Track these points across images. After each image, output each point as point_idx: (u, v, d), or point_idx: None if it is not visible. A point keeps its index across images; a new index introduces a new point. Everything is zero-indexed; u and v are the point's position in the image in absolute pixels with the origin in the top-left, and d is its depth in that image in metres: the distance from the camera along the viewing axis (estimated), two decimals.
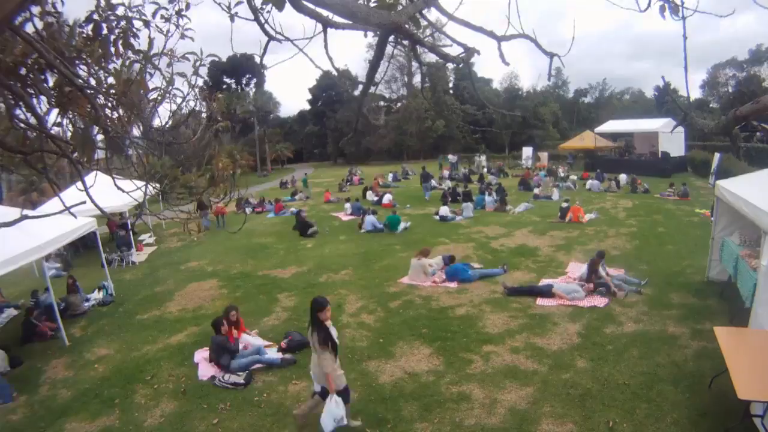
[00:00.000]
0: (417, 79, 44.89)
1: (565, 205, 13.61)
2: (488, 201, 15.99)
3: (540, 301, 7.31)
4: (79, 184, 2.10)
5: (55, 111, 2.12)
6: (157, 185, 2.49)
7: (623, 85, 60.07)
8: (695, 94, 40.93)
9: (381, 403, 4.88)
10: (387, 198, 17.78)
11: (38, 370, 6.23)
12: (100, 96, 2.18)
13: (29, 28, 1.87)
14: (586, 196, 17.61)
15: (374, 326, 6.87)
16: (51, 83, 2.05)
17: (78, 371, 6.13)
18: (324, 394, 4.12)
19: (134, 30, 2.16)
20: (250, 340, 6.42)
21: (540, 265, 9.28)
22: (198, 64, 2.41)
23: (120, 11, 2.04)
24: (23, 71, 1.95)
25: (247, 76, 45.85)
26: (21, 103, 1.99)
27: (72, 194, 2.45)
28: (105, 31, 2.09)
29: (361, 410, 4.76)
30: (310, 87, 47.62)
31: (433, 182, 20.40)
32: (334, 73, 2.84)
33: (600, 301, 7.13)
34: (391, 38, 2.50)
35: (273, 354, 6.04)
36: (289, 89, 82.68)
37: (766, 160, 17.58)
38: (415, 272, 8.62)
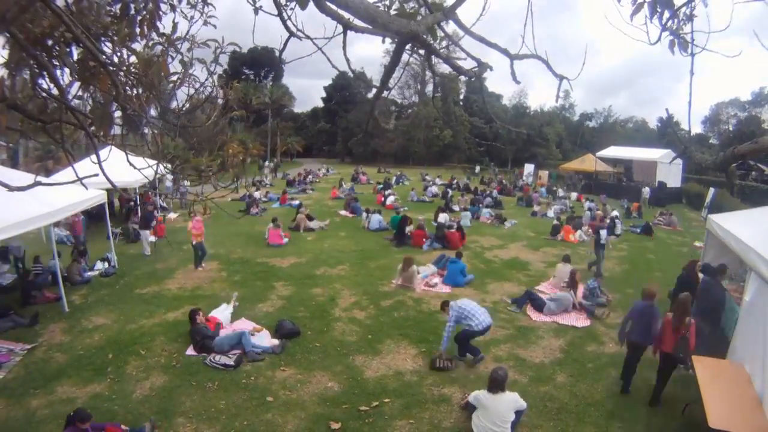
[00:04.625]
0: (429, 88, 45.26)
1: (556, 223, 13.89)
2: (485, 212, 16.11)
3: (532, 314, 7.40)
4: (93, 156, 2.18)
5: (77, 84, 2.20)
6: (169, 165, 2.58)
7: (627, 113, 60.25)
8: (696, 129, 41.25)
9: (364, 397, 4.99)
10: (390, 200, 18.26)
11: (36, 332, 6.38)
12: (122, 74, 2.26)
13: (59, 2, 1.95)
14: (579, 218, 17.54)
15: (365, 323, 6.97)
16: (75, 57, 2.13)
17: (74, 337, 6.28)
18: None
19: (160, 13, 2.24)
20: (240, 325, 6.55)
21: (531, 279, 9.38)
22: (218, 51, 2.48)
23: None
24: (50, 42, 2.03)
25: (266, 69, 46.17)
26: (45, 74, 2.07)
27: (86, 166, 2.53)
28: (132, 11, 2.17)
29: (344, 402, 4.86)
30: (326, 86, 48.05)
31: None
32: (350, 74, 2.91)
33: (583, 321, 7.25)
34: (408, 46, 2.58)
35: (263, 340, 6.14)
36: (306, 85, 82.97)
37: (758, 198, 17.62)
38: (405, 278, 8.65)
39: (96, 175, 2.13)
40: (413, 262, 8.78)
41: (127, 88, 2.30)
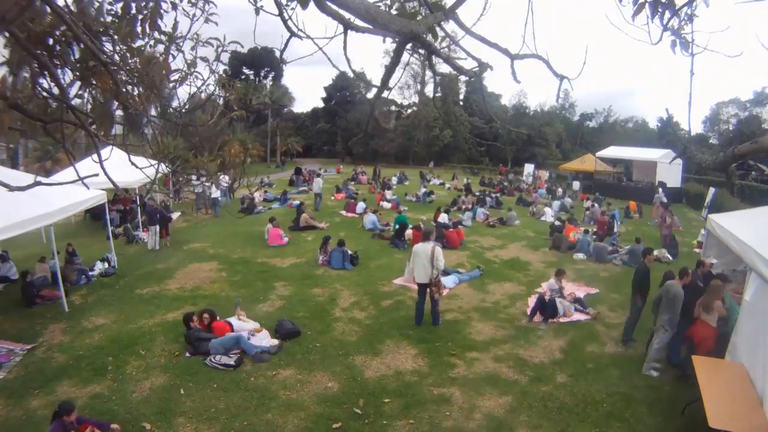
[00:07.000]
0: (429, 87, 45.23)
1: (558, 224, 13.74)
2: (479, 212, 16.10)
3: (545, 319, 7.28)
4: (94, 156, 2.17)
5: (78, 83, 2.19)
6: (170, 165, 2.58)
7: (628, 113, 60.00)
8: (696, 128, 40.91)
9: (363, 398, 4.98)
10: (387, 198, 18.23)
11: (36, 332, 6.38)
12: (123, 73, 2.25)
13: (60, 1, 1.94)
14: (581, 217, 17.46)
15: (365, 322, 6.97)
16: (76, 56, 2.12)
17: (74, 338, 6.28)
18: None
19: (162, 12, 2.23)
20: (242, 326, 6.51)
21: (530, 279, 9.37)
22: (220, 50, 2.48)
23: None
24: (50, 41, 2.02)
25: (266, 68, 46.17)
26: (46, 73, 2.06)
27: (86, 166, 2.52)
28: (133, 11, 2.17)
29: (344, 402, 4.87)
30: (326, 86, 48.02)
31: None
32: (351, 74, 2.92)
33: (585, 315, 7.29)
34: (409, 46, 2.58)
35: (263, 340, 6.12)
36: (306, 85, 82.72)
37: (758, 198, 17.56)
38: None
39: (96, 174, 2.13)
40: None
41: (128, 86, 2.30)
